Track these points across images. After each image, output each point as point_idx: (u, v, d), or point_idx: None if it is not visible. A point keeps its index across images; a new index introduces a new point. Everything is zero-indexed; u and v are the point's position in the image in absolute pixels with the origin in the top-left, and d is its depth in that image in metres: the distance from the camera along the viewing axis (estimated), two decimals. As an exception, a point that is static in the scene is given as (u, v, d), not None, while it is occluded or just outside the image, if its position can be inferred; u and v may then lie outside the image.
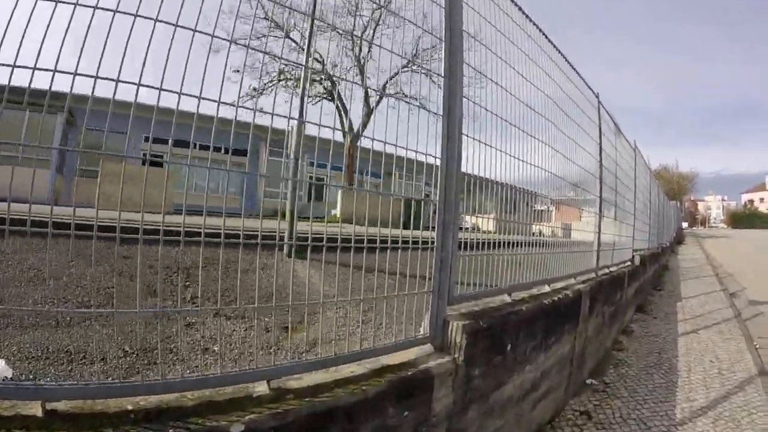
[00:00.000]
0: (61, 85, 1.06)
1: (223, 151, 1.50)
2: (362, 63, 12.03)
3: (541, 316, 2.30)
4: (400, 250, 1.67)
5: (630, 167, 6.10)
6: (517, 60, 2.50)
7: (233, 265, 4.48)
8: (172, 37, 1.16)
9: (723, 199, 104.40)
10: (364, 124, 13.61)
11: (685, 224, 53.08)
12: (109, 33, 1.11)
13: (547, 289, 2.73)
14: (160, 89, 1.11)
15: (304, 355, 2.86)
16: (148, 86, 1.10)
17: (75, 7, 1.08)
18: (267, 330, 3.36)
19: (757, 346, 4.44)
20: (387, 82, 11.79)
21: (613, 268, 5.01)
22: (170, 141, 1.14)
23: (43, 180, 13.52)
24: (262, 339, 3.24)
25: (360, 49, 13.48)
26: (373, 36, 13.90)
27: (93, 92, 1.05)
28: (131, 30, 1.10)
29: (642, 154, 7.67)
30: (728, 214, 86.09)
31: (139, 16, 1.11)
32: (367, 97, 12.78)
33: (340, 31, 11.53)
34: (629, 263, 6.30)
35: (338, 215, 11.65)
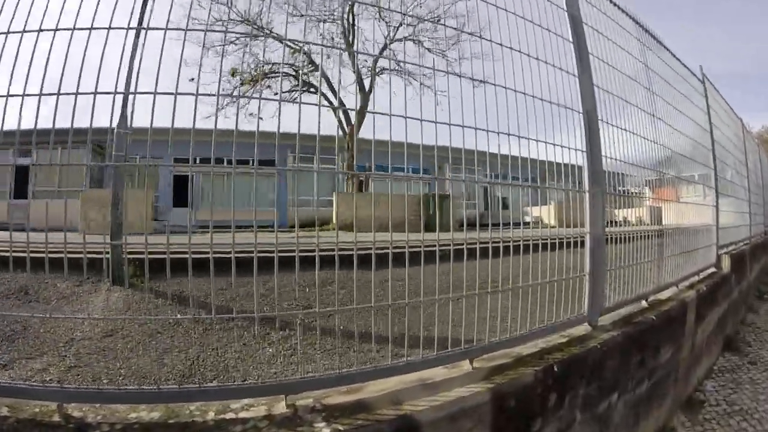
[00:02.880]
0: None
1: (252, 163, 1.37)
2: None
3: None
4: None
5: (701, 110, 3.64)
6: None
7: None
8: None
9: None
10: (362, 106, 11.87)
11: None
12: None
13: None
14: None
15: None
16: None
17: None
18: None
19: None
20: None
21: (667, 293, 2.75)
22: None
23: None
24: None
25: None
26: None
27: (131, 121, 1.27)
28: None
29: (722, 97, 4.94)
30: None
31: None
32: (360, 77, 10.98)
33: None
34: (712, 269, 3.84)
35: (334, 222, 9.64)
